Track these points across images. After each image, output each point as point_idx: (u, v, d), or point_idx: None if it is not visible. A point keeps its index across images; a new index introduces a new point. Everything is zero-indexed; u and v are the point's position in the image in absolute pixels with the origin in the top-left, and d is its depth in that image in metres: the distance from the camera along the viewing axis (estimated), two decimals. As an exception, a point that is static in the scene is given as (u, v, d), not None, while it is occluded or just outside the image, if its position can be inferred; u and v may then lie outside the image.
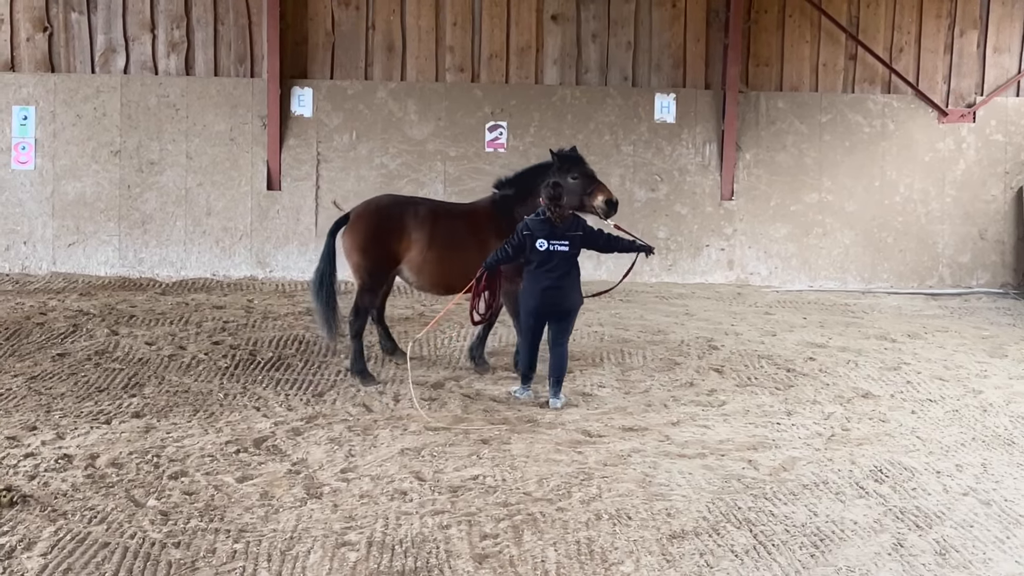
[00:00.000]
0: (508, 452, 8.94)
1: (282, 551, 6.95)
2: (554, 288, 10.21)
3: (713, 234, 17.09)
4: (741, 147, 17.06)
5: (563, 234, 10.16)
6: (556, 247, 10.14)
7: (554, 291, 10.22)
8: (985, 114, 17.23)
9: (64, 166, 16.45)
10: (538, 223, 10.22)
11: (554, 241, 10.14)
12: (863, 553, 7.14)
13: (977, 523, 7.70)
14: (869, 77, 17.26)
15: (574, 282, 10.29)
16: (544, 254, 10.16)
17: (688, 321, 14.26)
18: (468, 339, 12.37)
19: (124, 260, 16.50)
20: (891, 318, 15.05)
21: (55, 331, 12.72)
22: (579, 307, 10.47)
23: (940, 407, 10.67)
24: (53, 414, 9.62)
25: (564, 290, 10.23)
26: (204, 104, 16.58)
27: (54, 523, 7.25)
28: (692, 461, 8.85)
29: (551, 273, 10.18)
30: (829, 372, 11.90)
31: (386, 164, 16.76)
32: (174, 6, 16.55)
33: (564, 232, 10.17)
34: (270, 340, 12.62)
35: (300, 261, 16.61)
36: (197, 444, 8.94)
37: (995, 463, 9.01)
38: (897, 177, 17.23)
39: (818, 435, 9.66)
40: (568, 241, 10.16)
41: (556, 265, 10.17)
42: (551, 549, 7.07)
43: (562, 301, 10.28)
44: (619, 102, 16.97)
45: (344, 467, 8.50)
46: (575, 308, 10.41)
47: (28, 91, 16.44)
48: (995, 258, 17.35)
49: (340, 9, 16.74)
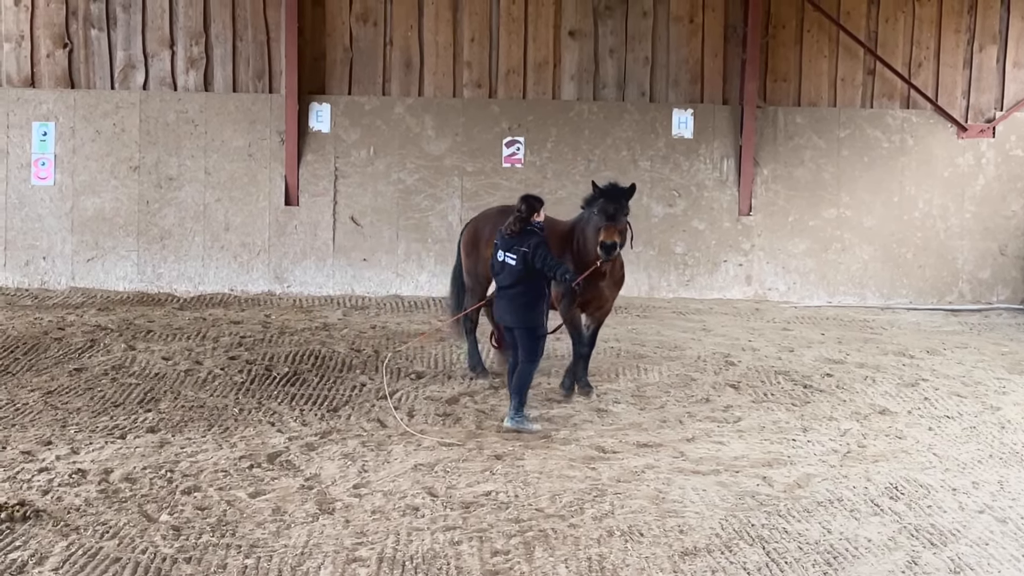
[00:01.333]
0: (521, 468, 8.92)
1: (293, 567, 6.95)
2: (502, 300, 10.17)
3: (731, 249, 17.04)
4: (759, 162, 17.02)
5: (514, 247, 10.04)
6: (507, 259, 10.08)
7: (502, 303, 10.18)
8: (1005, 129, 17.15)
9: (83, 182, 16.54)
10: (502, 235, 10.23)
11: (508, 253, 10.08)
12: (877, 571, 7.09)
13: (993, 541, 7.63)
14: (888, 92, 17.20)
15: (524, 299, 10.00)
16: (499, 265, 10.17)
17: (705, 337, 14.22)
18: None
19: (142, 275, 16.56)
20: (910, 334, 14.97)
21: (73, 346, 12.77)
22: (532, 327, 10.05)
23: (958, 424, 10.60)
24: (68, 429, 9.66)
25: (511, 303, 10.08)
26: (222, 120, 16.65)
27: (66, 538, 7.27)
28: (706, 478, 8.81)
29: (501, 285, 10.18)
30: (846, 388, 11.84)
31: (403, 179, 16.78)
32: (193, 23, 16.64)
33: (515, 246, 10.03)
34: (286, 355, 12.64)
35: (318, 276, 16.65)
36: (211, 459, 8.95)
37: (1012, 481, 8.94)
38: (916, 192, 17.15)
39: (834, 452, 9.60)
40: (517, 256, 10.02)
41: (504, 277, 10.11)
42: (562, 566, 7.05)
43: (506, 315, 10.17)
44: (636, 117, 16.96)
45: (357, 482, 8.50)
46: (523, 327, 10.05)
47: (48, 107, 16.54)
48: (1015, 274, 17.25)
49: (358, 25, 16.80)
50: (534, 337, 10.07)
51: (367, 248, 16.75)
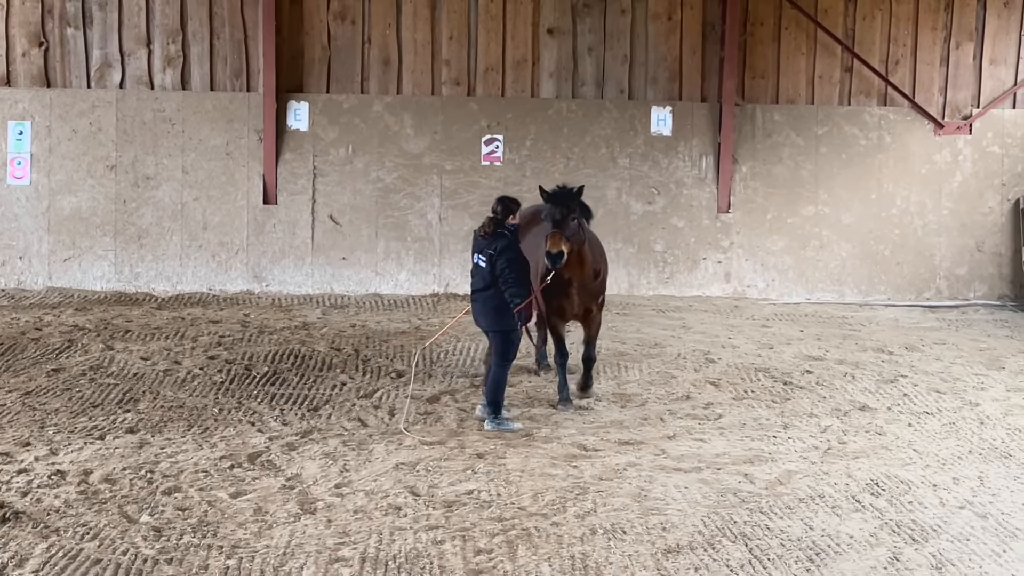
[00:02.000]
0: (503, 467, 8.91)
1: (275, 567, 6.92)
2: (476, 302, 10.10)
3: (710, 247, 17.07)
4: (737, 160, 17.05)
5: (484, 249, 9.96)
6: (478, 260, 10.02)
7: (476, 305, 10.10)
8: (981, 126, 17.23)
9: (60, 181, 16.43)
10: (476, 236, 10.17)
11: (479, 255, 10.01)
12: (859, 567, 7.11)
13: (974, 536, 7.66)
14: (865, 89, 17.26)
15: (496, 302, 9.86)
16: (473, 267, 10.13)
17: (685, 334, 14.24)
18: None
19: (120, 275, 16.47)
20: (888, 330, 15.03)
21: (50, 346, 12.69)
22: (505, 331, 9.92)
23: (937, 420, 10.64)
24: (47, 430, 9.59)
25: (483, 306, 10.00)
26: (200, 119, 16.57)
27: (46, 540, 7.22)
28: (688, 475, 8.82)
29: (474, 288, 10.11)
30: (826, 385, 11.87)
31: (382, 178, 16.74)
32: (170, 21, 16.54)
33: (486, 248, 9.95)
34: (266, 355, 12.59)
35: (296, 275, 16.60)
36: (191, 459, 8.91)
37: (992, 476, 8.98)
38: (894, 189, 17.22)
39: (814, 448, 9.63)
40: (485, 258, 9.94)
41: (477, 280, 10.05)
42: (545, 564, 7.04)
43: (480, 317, 10.11)
44: (615, 115, 16.97)
45: (338, 482, 8.47)
46: (495, 330, 9.99)
47: (24, 106, 16.43)
48: (992, 270, 17.34)
49: (336, 23, 16.74)
50: (507, 340, 9.98)
51: (346, 247, 16.70)
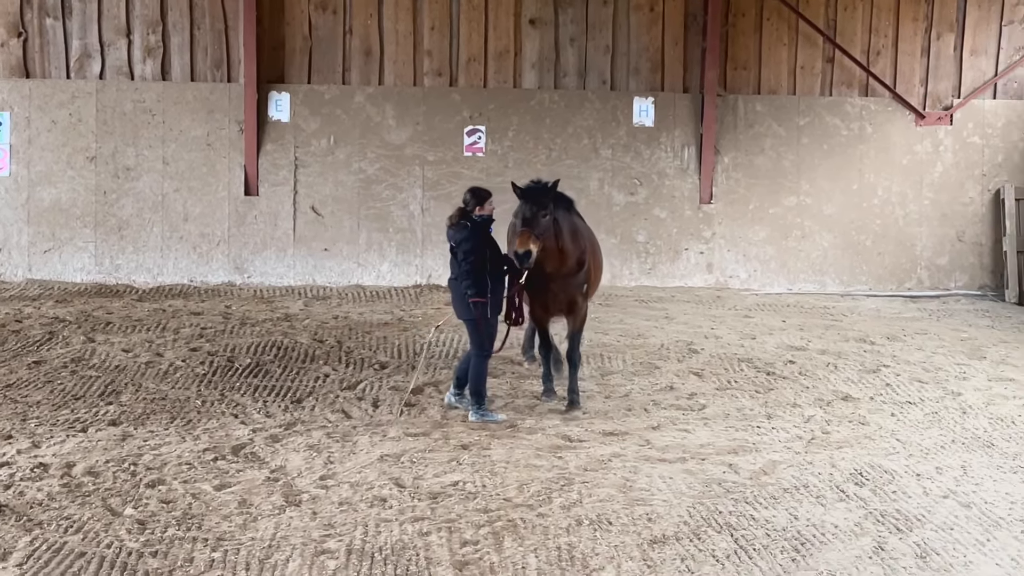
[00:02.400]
0: (488, 458, 8.89)
1: (260, 559, 6.89)
2: (452, 292, 10.15)
3: (692, 237, 17.09)
4: (720, 150, 17.06)
5: (454, 238, 9.97)
6: (450, 251, 10.08)
7: (452, 295, 10.17)
8: (962, 117, 17.29)
9: (39, 172, 16.33)
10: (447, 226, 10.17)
11: (451, 244, 10.02)
12: (844, 557, 7.12)
13: (957, 526, 7.69)
14: (846, 80, 17.29)
15: (462, 291, 9.84)
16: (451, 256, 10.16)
17: (668, 325, 14.25)
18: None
19: (100, 266, 16.39)
20: (870, 320, 15.07)
21: (31, 338, 12.61)
22: (471, 318, 9.83)
23: (920, 409, 10.68)
24: (29, 422, 9.53)
25: (453, 293, 10.10)
26: (180, 109, 16.49)
27: (29, 533, 7.17)
28: (673, 465, 8.82)
29: (450, 275, 10.17)
30: (809, 375, 11.89)
31: (364, 169, 16.70)
32: (150, 11, 16.45)
33: (455, 236, 9.94)
34: (248, 346, 12.54)
35: (278, 267, 16.54)
36: (174, 452, 8.86)
37: (975, 465, 9.01)
38: (875, 180, 17.26)
39: (798, 438, 9.64)
40: (455, 246, 9.96)
41: (452, 268, 10.09)
42: (532, 555, 7.03)
43: (455, 306, 10.15)
44: (597, 106, 16.95)
45: (323, 474, 8.44)
46: (469, 319, 9.91)
47: (2, 97, 16.31)
48: (973, 260, 17.41)
49: (317, 13, 16.68)
50: (478, 330, 9.92)
51: (328, 238, 16.65)
